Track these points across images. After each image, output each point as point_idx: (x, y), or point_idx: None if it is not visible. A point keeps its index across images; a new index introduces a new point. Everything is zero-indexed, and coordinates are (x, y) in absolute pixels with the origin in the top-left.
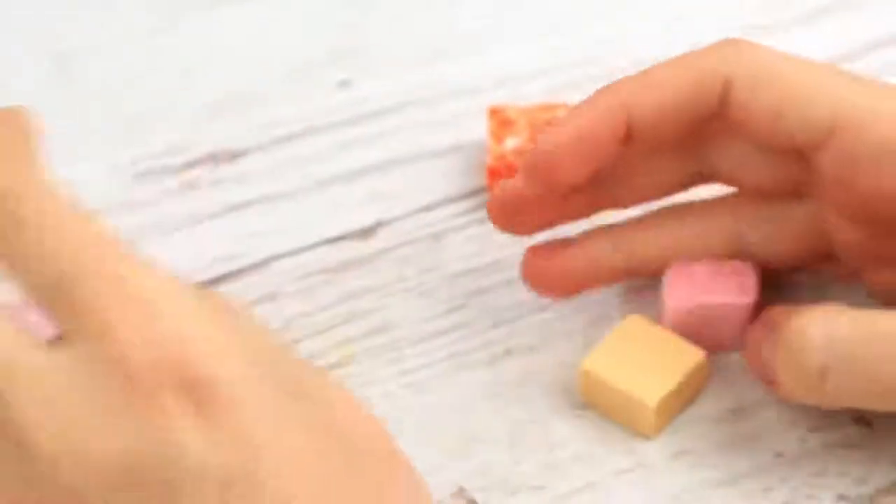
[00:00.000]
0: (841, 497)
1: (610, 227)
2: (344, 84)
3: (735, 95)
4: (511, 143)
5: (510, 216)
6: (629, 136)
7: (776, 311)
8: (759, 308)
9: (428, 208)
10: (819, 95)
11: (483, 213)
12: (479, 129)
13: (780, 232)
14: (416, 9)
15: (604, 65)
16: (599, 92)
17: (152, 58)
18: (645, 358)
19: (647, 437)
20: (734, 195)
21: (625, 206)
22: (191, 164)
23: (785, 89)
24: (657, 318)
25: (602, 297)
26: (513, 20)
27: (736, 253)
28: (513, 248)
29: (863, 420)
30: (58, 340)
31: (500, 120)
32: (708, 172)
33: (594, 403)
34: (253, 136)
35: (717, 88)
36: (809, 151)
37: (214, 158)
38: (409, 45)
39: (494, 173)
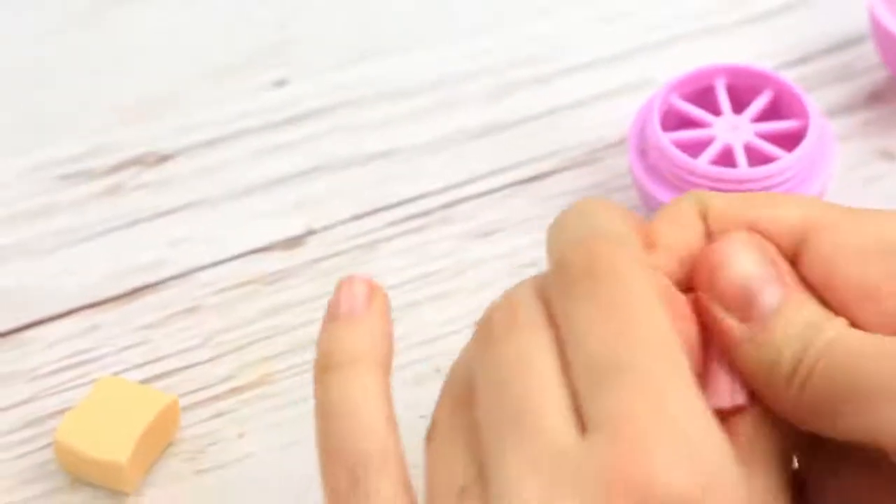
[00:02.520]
0: None
1: None
2: (277, 84)
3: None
4: None
5: None
6: None
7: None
8: None
9: (358, 217)
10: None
11: (416, 223)
12: (413, 133)
13: None
14: (349, 6)
15: (540, 65)
16: None
17: (78, 54)
18: (113, 416)
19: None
20: None
21: None
22: (115, 168)
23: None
24: None
25: None
26: (447, 17)
27: None
28: (446, 259)
29: None
30: None
31: None
32: None
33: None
34: (181, 139)
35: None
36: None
37: (140, 162)
38: (341, 44)
39: None
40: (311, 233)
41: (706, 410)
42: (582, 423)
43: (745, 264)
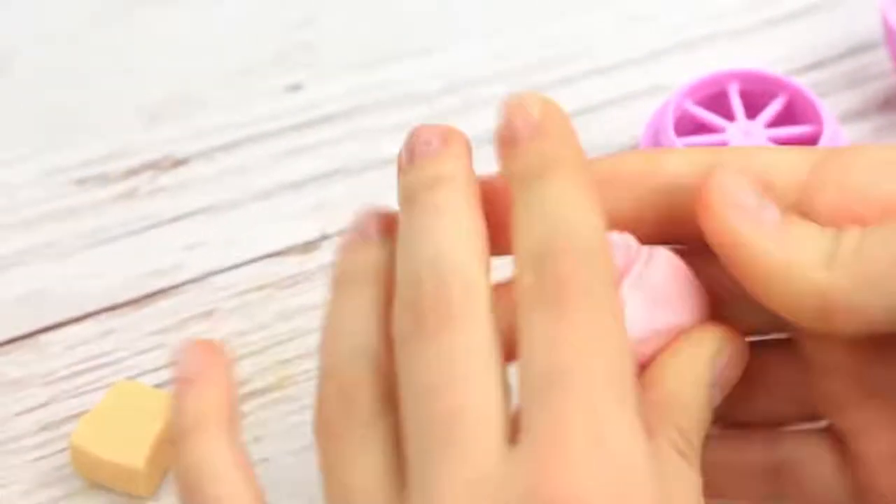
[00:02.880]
0: None
1: None
2: (293, 88)
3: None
4: None
5: None
6: None
7: None
8: None
9: None
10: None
11: None
12: None
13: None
14: (365, 10)
15: (554, 70)
16: None
17: (93, 57)
18: (130, 420)
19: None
20: None
21: None
22: (131, 173)
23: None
24: None
25: None
26: (462, 21)
27: None
28: None
29: None
30: None
31: None
32: None
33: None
34: (197, 143)
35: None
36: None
37: (156, 166)
38: (357, 48)
39: None
40: (326, 237)
41: (638, 429)
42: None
43: (744, 182)
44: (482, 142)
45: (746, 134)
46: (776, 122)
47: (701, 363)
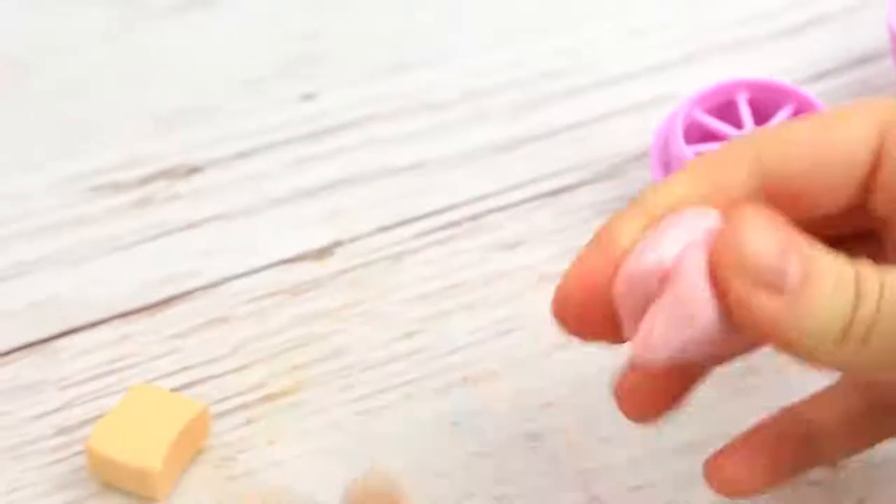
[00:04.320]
0: None
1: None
2: (306, 97)
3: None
4: None
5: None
6: None
7: None
8: None
9: (386, 228)
10: None
11: (442, 234)
12: (440, 146)
13: None
14: (378, 20)
15: (565, 79)
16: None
17: (108, 66)
18: (145, 423)
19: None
20: None
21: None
22: (146, 180)
23: None
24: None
25: None
26: (473, 30)
27: None
28: (472, 270)
29: None
30: None
31: None
32: None
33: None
34: (211, 151)
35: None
36: None
37: (170, 174)
38: (370, 57)
39: None
40: (339, 244)
41: None
42: None
43: (762, 242)
44: (491, 150)
45: None
46: None
47: None
